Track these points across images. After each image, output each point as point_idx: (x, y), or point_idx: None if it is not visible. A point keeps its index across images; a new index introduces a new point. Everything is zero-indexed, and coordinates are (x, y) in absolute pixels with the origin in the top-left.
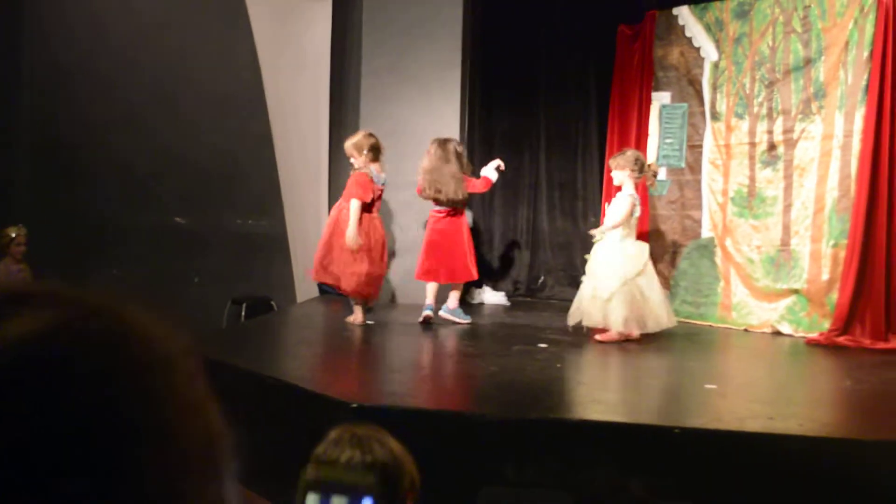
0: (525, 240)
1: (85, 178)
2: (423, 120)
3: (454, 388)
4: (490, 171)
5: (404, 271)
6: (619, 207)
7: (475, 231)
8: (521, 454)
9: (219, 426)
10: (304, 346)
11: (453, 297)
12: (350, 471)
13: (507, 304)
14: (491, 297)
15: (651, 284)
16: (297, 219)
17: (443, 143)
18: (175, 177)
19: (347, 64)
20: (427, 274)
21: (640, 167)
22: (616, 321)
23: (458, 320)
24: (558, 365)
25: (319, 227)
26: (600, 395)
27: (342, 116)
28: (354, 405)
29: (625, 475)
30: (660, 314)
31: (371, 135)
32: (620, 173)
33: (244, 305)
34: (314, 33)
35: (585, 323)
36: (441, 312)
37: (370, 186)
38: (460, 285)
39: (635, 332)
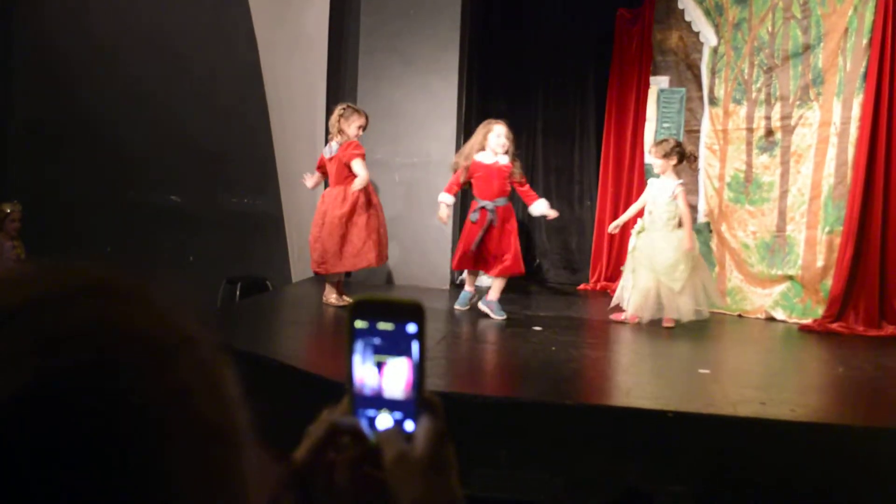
0: (520, 223)
1: (80, 155)
2: (420, 101)
3: (447, 370)
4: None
5: (399, 252)
6: (681, 203)
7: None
8: (514, 437)
9: (237, 398)
10: (298, 326)
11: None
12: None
13: None
14: (486, 279)
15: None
16: (293, 199)
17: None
18: (170, 155)
19: (345, 43)
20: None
21: (682, 154)
22: (688, 312)
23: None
24: (553, 348)
25: (315, 207)
26: (594, 378)
27: (339, 97)
28: (347, 378)
29: (618, 459)
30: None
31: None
32: (663, 162)
33: (239, 285)
34: (312, 12)
35: (677, 316)
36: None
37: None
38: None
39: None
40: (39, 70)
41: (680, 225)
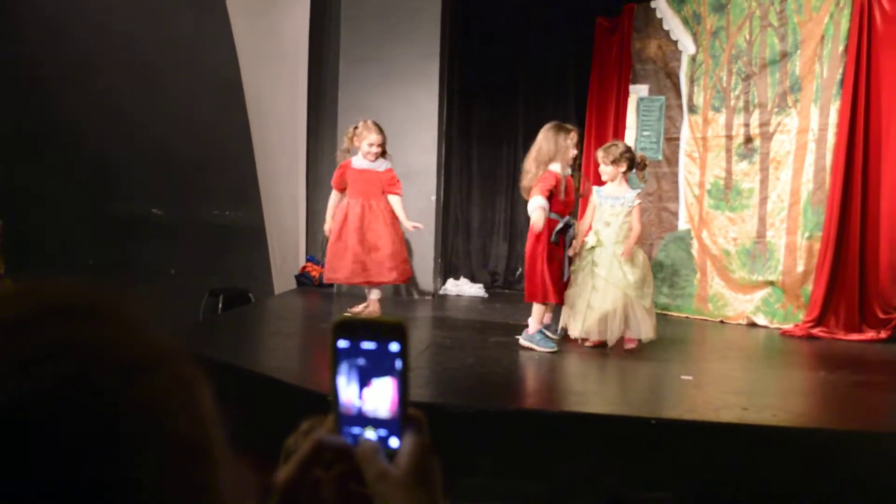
0: (503, 231)
1: (59, 168)
2: (402, 111)
3: (431, 379)
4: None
5: None
6: (634, 213)
7: (454, 221)
8: (498, 445)
9: (211, 415)
10: (281, 337)
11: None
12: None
13: (485, 295)
14: (468, 288)
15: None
16: (275, 210)
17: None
18: (152, 168)
19: (325, 54)
20: None
21: (632, 160)
22: (649, 330)
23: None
24: (536, 357)
25: (297, 218)
26: (577, 386)
27: (320, 107)
28: (331, 397)
29: (601, 466)
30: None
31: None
32: (612, 168)
33: (221, 297)
34: (292, 22)
35: (639, 336)
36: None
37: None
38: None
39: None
40: (16, 83)
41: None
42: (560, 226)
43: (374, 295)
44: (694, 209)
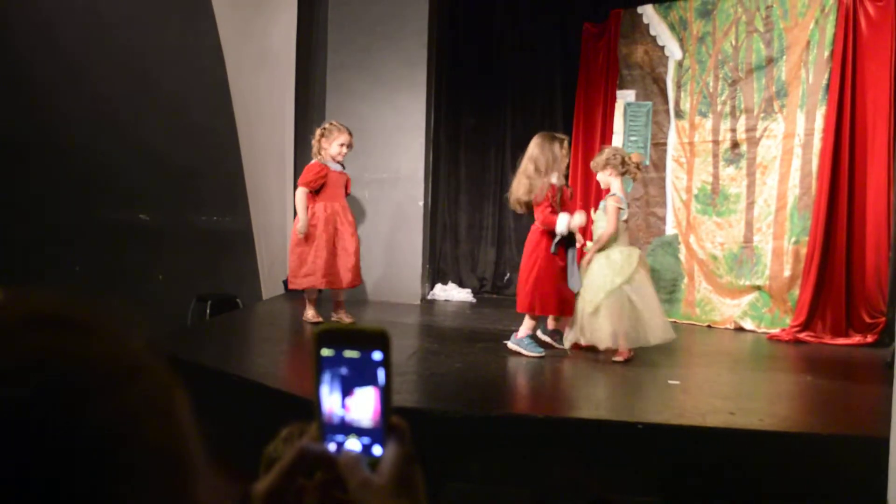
0: (491, 237)
1: (48, 174)
2: (389, 117)
3: (418, 384)
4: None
5: (370, 268)
6: (608, 214)
7: (442, 227)
8: (485, 450)
9: (188, 424)
10: (269, 343)
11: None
12: None
13: (473, 300)
14: (457, 293)
15: (642, 293)
16: (263, 215)
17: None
18: (139, 173)
19: (313, 59)
20: None
21: (622, 162)
22: (603, 337)
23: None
24: (523, 362)
25: (285, 224)
26: (564, 391)
27: (307, 112)
28: (314, 405)
29: (589, 470)
30: (656, 326)
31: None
32: (603, 174)
33: (209, 303)
34: (279, 28)
35: (582, 341)
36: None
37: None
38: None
39: (623, 348)
40: (6, 88)
41: (630, 242)
42: (559, 237)
43: (343, 297)
44: (681, 214)
